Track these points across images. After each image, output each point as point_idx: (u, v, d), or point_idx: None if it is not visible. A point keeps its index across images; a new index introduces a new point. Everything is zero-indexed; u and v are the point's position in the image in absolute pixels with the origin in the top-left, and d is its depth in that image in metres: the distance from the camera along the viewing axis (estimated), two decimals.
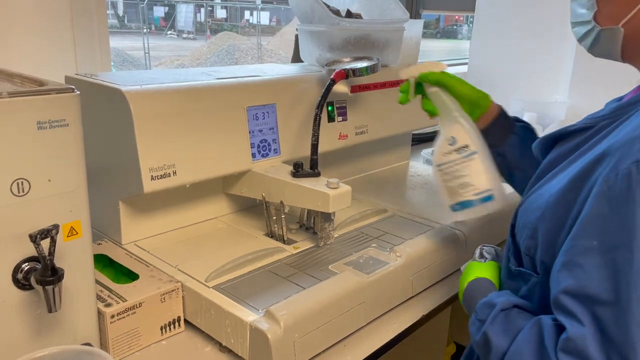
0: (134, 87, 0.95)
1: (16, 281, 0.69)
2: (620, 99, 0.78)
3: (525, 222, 0.74)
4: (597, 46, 0.76)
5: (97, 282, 0.86)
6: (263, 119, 1.14)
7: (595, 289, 0.59)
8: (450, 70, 1.05)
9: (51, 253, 0.66)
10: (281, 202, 1.07)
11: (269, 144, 1.15)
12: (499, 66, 2.08)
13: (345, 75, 1.15)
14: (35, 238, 0.64)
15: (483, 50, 2.13)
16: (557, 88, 1.96)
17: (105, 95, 0.98)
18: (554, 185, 0.72)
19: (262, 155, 1.14)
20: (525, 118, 1.80)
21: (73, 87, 0.70)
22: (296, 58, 1.68)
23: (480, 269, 0.86)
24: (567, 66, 1.92)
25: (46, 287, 0.66)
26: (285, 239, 1.08)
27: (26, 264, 0.69)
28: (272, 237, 1.10)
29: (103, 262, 0.97)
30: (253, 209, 1.24)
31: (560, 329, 0.62)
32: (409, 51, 1.52)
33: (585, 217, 0.63)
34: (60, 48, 1.25)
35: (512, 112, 1.94)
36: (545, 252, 0.70)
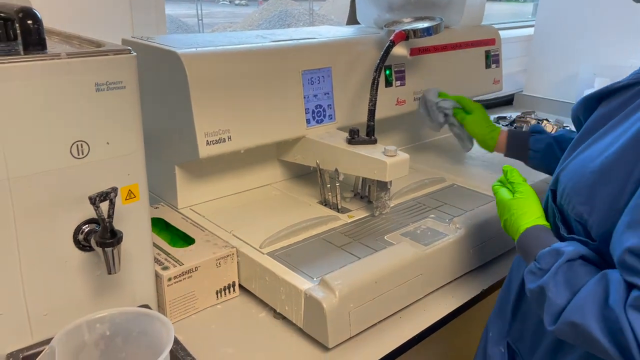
0: (190, 50, 0.94)
1: (77, 242, 0.70)
2: None
3: (576, 187, 0.69)
4: None
5: (154, 245, 0.87)
6: (318, 83, 1.10)
7: None
8: (516, 33, 1.03)
9: (110, 215, 0.67)
10: (336, 170, 1.04)
11: (323, 110, 1.12)
12: (569, 28, 1.94)
13: (406, 36, 1.09)
14: (94, 200, 0.64)
15: (552, 11, 1.98)
16: (634, 50, 1.80)
17: (160, 58, 0.97)
18: (605, 146, 0.67)
19: (317, 121, 1.11)
20: (597, 84, 1.68)
21: (129, 48, 0.69)
22: (352, 20, 1.62)
23: (533, 208, 0.77)
24: None
25: (106, 249, 0.67)
26: (339, 207, 1.06)
27: (86, 225, 0.70)
28: (325, 205, 1.08)
29: (159, 225, 0.98)
30: (307, 176, 1.22)
31: (629, 286, 0.58)
32: (473, 11, 1.43)
33: None
34: (117, 11, 1.25)
35: (582, 78, 1.82)
36: (604, 217, 0.64)
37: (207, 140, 0.94)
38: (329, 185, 1.07)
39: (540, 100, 2.02)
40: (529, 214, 0.75)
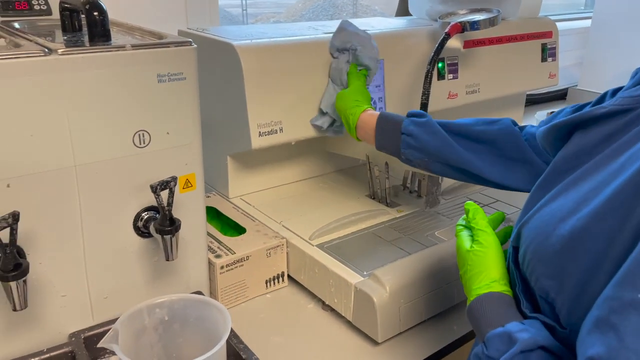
0: (245, 42, 0.95)
1: (137, 229, 0.72)
2: None
3: (539, 253, 0.52)
4: None
5: (207, 233, 0.88)
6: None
7: None
8: (568, 25, 0.95)
9: (169, 204, 0.68)
10: (386, 164, 1.04)
11: (374, 103, 1.11)
12: (629, 19, 1.85)
13: (462, 28, 1.06)
14: (155, 189, 0.66)
15: (611, 1, 1.90)
16: None
17: (215, 49, 0.98)
18: (579, 200, 0.51)
19: None
20: None
21: (190, 40, 0.70)
22: (402, 11, 1.60)
23: (491, 268, 0.60)
24: None
25: (165, 236, 0.69)
26: (388, 201, 1.05)
27: (145, 212, 0.72)
28: (374, 198, 1.07)
29: (211, 214, 1.00)
30: (354, 169, 1.21)
31: None
32: (530, 3, 1.38)
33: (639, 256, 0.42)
34: (171, 2, 1.27)
35: None
36: (575, 300, 0.48)
37: (260, 132, 0.95)
38: (378, 179, 1.06)
39: (596, 96, 1.94)
40: (484, 275, 0.59)
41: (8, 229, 0.57)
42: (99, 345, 0.56)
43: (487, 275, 0.59)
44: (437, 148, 0.82)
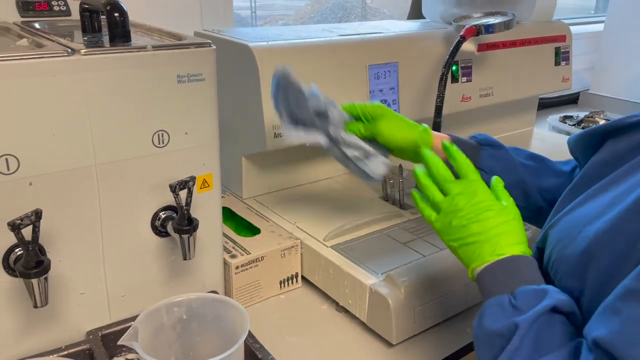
0: (261, 44, 0.95)
1: (154, 228, 0.72)
2: None
3: (564, 254, 0.54)
4: None
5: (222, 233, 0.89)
6: (384, 78, 1.09)
7: (626, 349, 0.42)
8: (579, 29, 0.94)
9: (187, 203, 0.69)
10: (400, 166, 1.04)
11: (388, 105, 1.11)
12: None
13: (477, 31, 1.06)
14: (174, 188, 0.67)
15: (624, 5, 1.89)
16: None
17: (232, 50, 0.99)
18: (606, 205, 0.52)
19: None
20: None
21: (210, 41, 0.71)
22: (414, 14, 1.60)
23: (521, 231, 0.57)
24: None
25: (182, 235, 0.69)
26: (402, 203, 1.05)
27: (163, 212, 0.72)
28: (387, 200, 1.07)
29: (225, 214, 1.00)
30: None
31: None
32: (544, 6, 1.38)
33: None
34: (187, 4, 1.28)
35: None
36: (593, 301, 0.49)
37: (275, 133, 0.96)
38: (392, 181, 1.06)
39: (609, 100, 1.94)
40: (514, 235, 0.56)
41: (30, 227, 0.58)
42: (120, 342, 0.56)
43: (519, 236, 0.56)
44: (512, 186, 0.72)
